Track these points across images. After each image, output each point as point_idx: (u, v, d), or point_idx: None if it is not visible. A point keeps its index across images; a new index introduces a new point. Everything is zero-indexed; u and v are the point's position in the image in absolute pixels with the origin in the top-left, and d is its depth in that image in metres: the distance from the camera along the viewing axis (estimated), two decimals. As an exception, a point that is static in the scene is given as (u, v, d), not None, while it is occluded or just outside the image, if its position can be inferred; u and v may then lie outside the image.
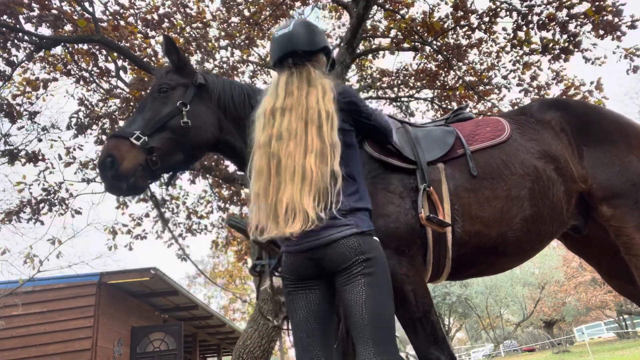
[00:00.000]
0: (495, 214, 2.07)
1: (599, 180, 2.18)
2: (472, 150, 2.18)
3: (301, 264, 1.54)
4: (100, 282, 9.19)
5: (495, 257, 2.16)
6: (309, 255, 1.51)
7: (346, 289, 1.47)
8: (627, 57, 6.24)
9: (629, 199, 2.13)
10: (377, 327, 1.42)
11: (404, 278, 1.91)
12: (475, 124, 2.35)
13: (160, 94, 2.01)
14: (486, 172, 2.14)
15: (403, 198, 2.02)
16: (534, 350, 31.21)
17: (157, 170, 1.90)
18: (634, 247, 2.10)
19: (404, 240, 1.96)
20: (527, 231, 2.12)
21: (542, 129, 2.32)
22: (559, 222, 2.21)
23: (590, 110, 2.43)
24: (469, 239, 2.04)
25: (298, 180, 1.47)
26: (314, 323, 1.54)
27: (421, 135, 2.25)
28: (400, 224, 1.96)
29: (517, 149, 2.22)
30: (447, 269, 2.09)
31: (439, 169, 2.11)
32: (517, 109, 2.66)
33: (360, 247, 1.48)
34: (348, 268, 1.47)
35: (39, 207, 6.87)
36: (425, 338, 1.89)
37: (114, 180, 1.81)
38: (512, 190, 2.12)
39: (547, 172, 2.18)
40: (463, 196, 2.07)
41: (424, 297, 1.93)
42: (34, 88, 6.51)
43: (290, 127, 1.57)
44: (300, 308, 1.55)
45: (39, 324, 8.74)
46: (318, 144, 1.52)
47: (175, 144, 1.95)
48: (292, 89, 1.66)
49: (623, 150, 2.22)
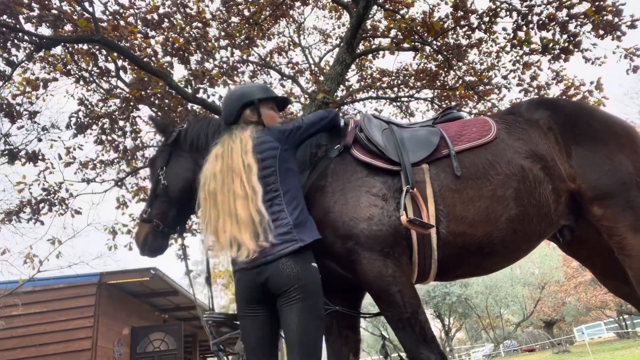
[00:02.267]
0: (480, 214, 2.07)
1: (589, 180, 2.16)
2: (457, 150, 2.18)
3: (250, 282, 1.79)
4: (100, 282, 9.19)
5: (482, 257, 2.15)
6: (257, 271, 1.77)
7: (284, 310, 1.74)
8: (627, 57, 6.23)
9: (620, 199, 2.11)
10: (303, 346, 1.69)
11: (391, 280, 1.93)
12: (462, 125, 2.35)
13: (154, 168, 2.41)
14: (471, 172, 2.13)
15: (386, 200, 2.03)
16: (534, 350, 31.21)
17: (163, 229, 2.30)
18: (627, 247, 2.09)
19: (388, 242, 1.97)
20: (512, 231, 2.11)
21: (529, 128, 2.30)
22: (547, 221, 2.19)
23: (579, 109, 2.40)
24: (454, 239, 2.04)
25: (233, 220, 1.79)
26: (265, 346, 1.82)
27: (406, 136, 2.25)
28: (383, 226, 1.98)
29: (504, 149, 2.21)
30: (434, 270, 2.09)
31: (424, 170, 2.11)
32: (506, 109, 2.66)
33: (299, 275, 1.74)
34: (287, 292, 1.73)
35: (39, 207, 6.87)
36: (414, 338, 1.90)
37: (140, 252, 2.34)
38: (497, 190, 2.11)
39: (533, 172, 2.17)
40: (447, 197, 2.07)
41: (411, 298, 1.94)
42: (34, 88, 6.51)
43: (223, 172, 1.89)
44: (250, 332, 1.82)
45: (39, 324, 8.74)
46: (241, 191, 1.82)
47: (166, 205, 2.31)
48: (225, 142, 2.01)
49: (613, 150, 2.20)
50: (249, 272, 1.79)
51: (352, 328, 2.28)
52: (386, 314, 1.97)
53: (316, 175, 2.16)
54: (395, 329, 1.94)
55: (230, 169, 1.88)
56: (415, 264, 2.05)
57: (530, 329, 34.52)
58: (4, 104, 5.83)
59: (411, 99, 8.60)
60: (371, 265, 1.94)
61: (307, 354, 1.68)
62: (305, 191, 2.11)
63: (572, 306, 27.55)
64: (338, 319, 2.26)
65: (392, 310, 1.93)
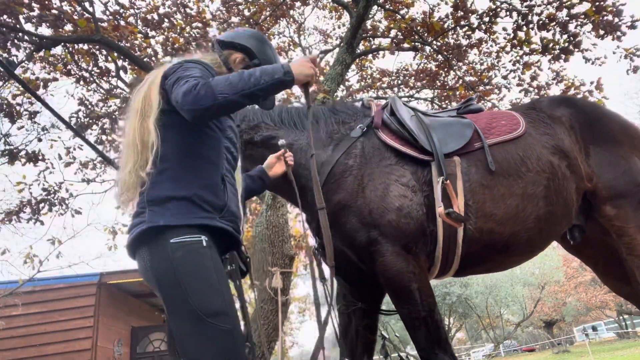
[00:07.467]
0: (510, 212, 2.01)
1: (605, 179, 2.16)
2: (490, 144, 2.11)
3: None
4: (100, 282, 9.18)
5: (504, 255, 2.11)
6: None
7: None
8: (627, 57, 6.23)
9: (633, 199, 2.12)
10: (183, 346, 1.29)
11: (411, 276, 1.87)
12: (491, 117, 2.29)
13: None
14: (503, 168, 2.07)
15: (415, 192, 1.95)
16: (534, 350, 31.18)
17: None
18: (637, 248, 2.10)
19: (412, 237, 1.91)
20: (539, 230, 2.07)
21: (554, 124, 2.28)
22: (567, 220, 2.18)
23: (597, 110, 2.42)
24: (481, 236, 1.99)
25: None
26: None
27: (436, 125, 2.16)
28: (411, 219, 1.90)
29: (533, 144, 2.16)
30: (455, 266, 2.04)
31: (455, 163, 2.03)
32: (526, 104, 2.61)
33: (150, 264, 1.34)
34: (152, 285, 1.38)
35: (39, 207, 6.87)
36: (429, 338, 1.84)
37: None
38: (528, 187, 2.06)
39: (561, 169, 2.13)
40: (478, 192, 2.00)
41: (429, 296, 1.88)
42: (34, 88, 6.50)
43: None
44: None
45: (39, 324, 8.73)
46: (137, 134, 1.44)
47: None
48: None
49: (628, 151, 2.22)
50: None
51: (370, 328, 2.20)
52: (402, 311, 1.90)
53: (340, 152, 2.05)
54: (410, 327, 1.88)
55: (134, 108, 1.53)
56: (438, 259, 1.99)
57: (530, 329, 34.51)
58: (4, 104, 5.83)
59: (411, 99, 8.59)
60: (394, 260, 1.87)
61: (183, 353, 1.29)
62: (330, 167, 2.00)
63: (572, 306, 27.54)
64: (357, 317, 2.18)
65: (409, 308, 1.87)
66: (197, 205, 1.39)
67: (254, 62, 1.77)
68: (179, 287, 1.28)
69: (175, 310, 1.31)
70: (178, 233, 1.33)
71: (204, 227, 1.38)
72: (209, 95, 1.32)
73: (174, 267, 1.29)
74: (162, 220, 1.34)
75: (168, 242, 1.32)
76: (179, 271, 1.29)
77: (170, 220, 1.34)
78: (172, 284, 1.30)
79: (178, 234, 1.33)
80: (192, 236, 1.34)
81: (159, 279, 1.32)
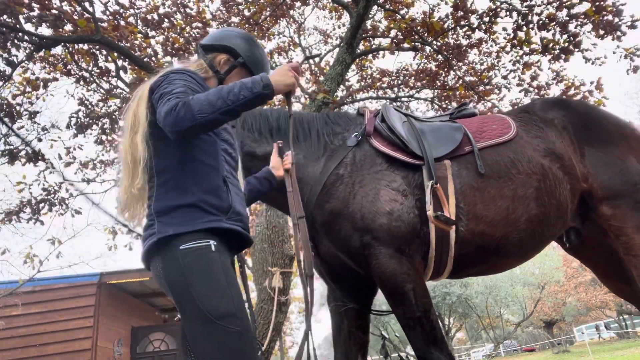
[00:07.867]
0: (500, 213, 2.04)
1: (601, 180, 2.17)
2: (480, 147, 2.14)
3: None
4: (100, 282, 9.19)
5: (497, 257, 2.14)
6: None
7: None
8: (627, 57, 6.23)
9: (630, 199, 2.12)
10: (195, 348, 1.36)
11: (405, 277, 1.90)
12: (482, 121, 2.32)
13: None
14: (493, 171, 2.10)
15: (406, 196, 1.99)
16: (534, 350, 31.17)
17: None
18: (634, 248, 2.10)
19: (405, 239, 1.94)
20: (531, 232, 2.09)
21: (546, 127, 2.30)
22: (562, 222, 2.19)
23: (591, 110, 2.43)
24: (473, 238, 2.02)
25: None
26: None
27: (427, 130, 2.20)
28: (402, 222, 1.94)
29: (524, 147, 2.19)
30: (449, 268, 2.07)
31: (446, 166, 2.07)
32: (519, 108, 2.65)
33: (163, 272, 1.40)
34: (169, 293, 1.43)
35: (39, 207, 6.87)
36: (425, 337, 1.87)
37: None
38: (518, 189, 2.08)
39: (553, 170, 2.15)
40: (469, 194, 2.04)
41: (424, 297, 1.91)
42: (34, 88, 6.50)
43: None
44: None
45: (39, 324, 8.73)
46: (129, 152, 1.49)
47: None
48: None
49: (623, 151, 2.22)
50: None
51: (363, 329, 2.24)
52: (397, 312, 1.94)
53: (335, 163, 2.09)
54: (405, 327, 1.91)
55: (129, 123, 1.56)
56: (431, 260, 2.02)
57: (530, 329, 34.51)
58: (4, 104, 5.83)
59: (411, 99, 8.59)
60: (387, 262, 1.91)
61: (199, 353, 1.35)
62: (325, 179, 2.04)
63: (572, 306, 27.55)
64: (349, 318, 2.21)
65: (404, 308, 1.90)
66: (202, 210, 1.43)
67: (239, 60, 1.78)
68: (189, 292, 1.34)
69: (187, 313, 1.36)
70: (186, 239, 1.39)
71: (211, 230, 1.42)
72: (188, 117, 1.33)
73: (183, 273, 1.36)
74: (171, 229, 1.39)
75: (178, 250, 1.37)
76: (188, 276, 1.35)
77: (179, 228, 1.39)
78: (183, 289, 1.36)
79: (186, 241, 1.38)
80: (201, 241, 1.39)
81: (171, 284, 1.38)
